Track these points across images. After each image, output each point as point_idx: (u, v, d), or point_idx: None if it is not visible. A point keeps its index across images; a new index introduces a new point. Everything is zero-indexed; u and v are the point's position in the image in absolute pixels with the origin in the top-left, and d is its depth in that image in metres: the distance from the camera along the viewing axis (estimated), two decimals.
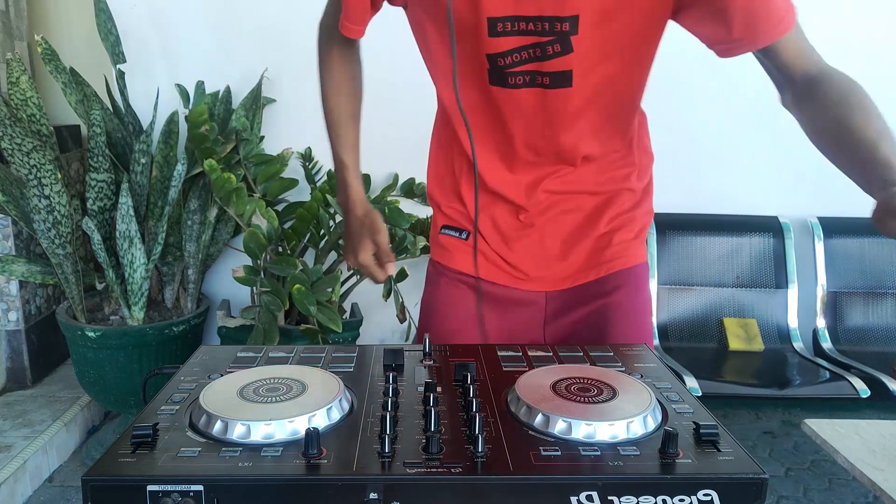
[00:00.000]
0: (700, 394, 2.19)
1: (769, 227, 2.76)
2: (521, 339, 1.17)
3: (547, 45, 0.99)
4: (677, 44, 1.25)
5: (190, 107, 2.55)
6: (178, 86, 2.59)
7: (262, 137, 2.60)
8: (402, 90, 2.30)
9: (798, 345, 2.66)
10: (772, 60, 1.06)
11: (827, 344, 2.67)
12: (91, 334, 2.26)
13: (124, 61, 2.47)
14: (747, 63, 1.22)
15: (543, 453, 0.68)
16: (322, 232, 2.46)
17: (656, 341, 2.65)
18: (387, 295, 2.53)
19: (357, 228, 1.14)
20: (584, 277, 1.18)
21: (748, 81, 2.75)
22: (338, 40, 1.18)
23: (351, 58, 1.22)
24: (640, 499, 0.64)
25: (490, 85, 1.05)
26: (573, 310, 1.18)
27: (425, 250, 2.37)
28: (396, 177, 2.67)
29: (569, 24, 0.97)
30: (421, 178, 2.63)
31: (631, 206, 1.24)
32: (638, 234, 1.23)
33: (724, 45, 1.06)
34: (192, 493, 0.63)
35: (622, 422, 0.72)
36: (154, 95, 2.51)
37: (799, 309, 2.70)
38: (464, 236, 1.19)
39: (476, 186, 1.13)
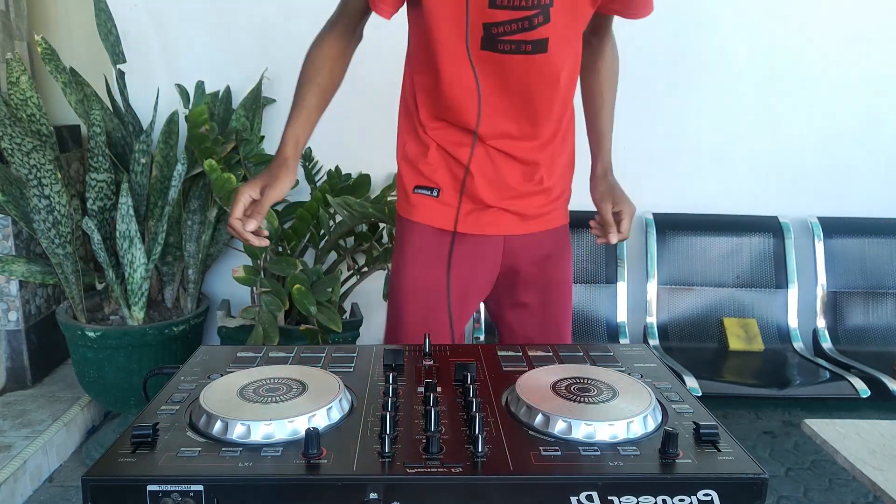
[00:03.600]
0: (700, 394, 2.19)
1: (769, 227, 2.76)
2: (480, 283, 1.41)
3: (533, 17, 1.20)
4: (677, 44, 1.27)
5: (190, 107, 2.55)
6: (178, 86, 2.59)
7: (263, 137, 2.60)
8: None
9: (798, 345, 2.66)
10: (601, 24, 1.42)
11: (827, 344, 2.67)
12: (91, 334, 2.26)
13: (124, 61, 2.47)
14: (747, 63, 1.24)
15: (543, 453, 0.68)
16: (322, 232, 2.46)
17: (655, 341, 2.65)
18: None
19: (263, 173, 1.28)
20: (532, 227, 1.41)
21: (748, 81, 2.75)
22: (337, 32, 1.33)
23: (339, 52, 1.34)
24: (640, 499, 0.64)
25: (480, 50, 1.23)
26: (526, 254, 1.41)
27: None
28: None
29: None
30: None
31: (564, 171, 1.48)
32: (564, 199, 1.51)
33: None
34: (192, 493, 0.63)
35: (622, 422, 0.72)
36: (154, 95, 2.51)
37: (799, 309, 2.70)
38: (434, 193, 1.35)
39: (475, 139, 1.32)
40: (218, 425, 0.71)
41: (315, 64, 1.33)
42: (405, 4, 1.29)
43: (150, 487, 0.63)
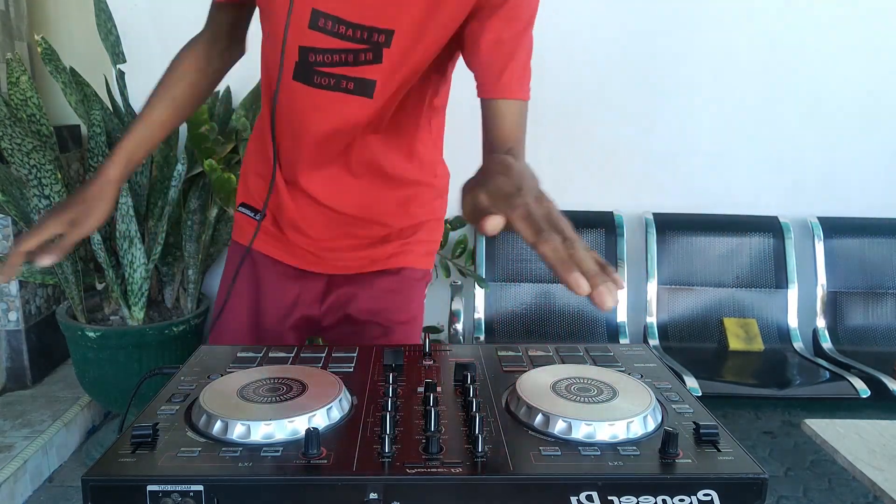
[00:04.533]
0: (700, 394, 2.19)
1: (769, 227, 2.76)
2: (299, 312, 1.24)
3: (360, 52, 1.01)
4: (677, 44, 1.25)
5: None
6: None
7: None
8: None
9: (798, 345, 2.66)
10: (488, 117, 1.02)
11: (827, 344, 2.67)
12: (91, 334, 2.26)
13: (124, 61, 2.47)
14: (747, 63, 1.23)
15: (543, 453, 0.68)
16: None
17: (655, 341, 2.65)
18: None
19: (73, 195, 1.07)
20: (364, 268, 1.21)
21: (748, 81, 2.75)
22: (205, 39, 1.21)
23: (205, 64, 1.21)
24: (640, 499, 0.64)
25: (292, 80, 1.05)
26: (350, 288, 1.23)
27: None
28: None
29: (384, 37, 1.00)
30: None
31: (418, 223, 1.24)
32: (423, 242, 1.25)
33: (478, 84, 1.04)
34: (192, 493, 0.63)
35: (622, 422, 0.72)
36: None
37: (799, 309, 2.70)
38: (257, 217, 1.19)
39: (273, 173, 1.14)
40: (218, 425, 0.71)
41: (174, 74, 1.18)
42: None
43: (150, 487, 0.63)
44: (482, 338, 2.62)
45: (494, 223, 0.71)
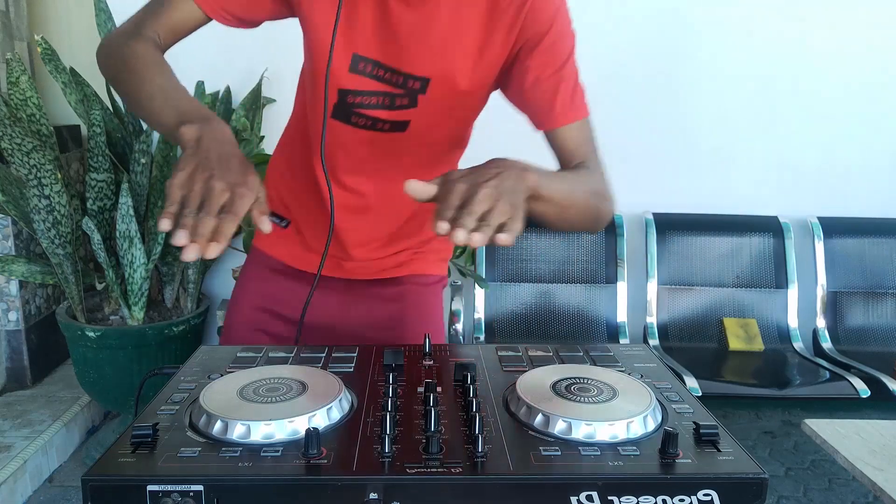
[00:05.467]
0: (700, 394, 2.19)
1: (769, 227, 2.76)
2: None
3: (397, 96, 1.05)
4: (678, 44, 1.25)
5: None
6: None
7: (263, 137, 2.60)
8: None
9: (798, 345, 2.66)
10: (551, 144, 1.07)
11: (827, 344, 2.67)
12: (91, 334, 2.26)
13: None
14: (747, 63, 1.23)
15: (543, 453, 0.68)
16: None
17: (655, 341, 2.65)
18: None
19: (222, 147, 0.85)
20: (381, 274, 1.24)
21: (748, 82, 2.75)
22: (144, 43, 1.01)
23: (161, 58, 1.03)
24: (640, 499, 0.64)
25: (331, 118, 1.08)
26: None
27: None
28: None
29: (420, 84, 1.03)
30: None
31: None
32: (436, 251, 1.29)
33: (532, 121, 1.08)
34: (192, 493, 0.63)
35: (622, 422, 0.72)
36: None
37: (799, 309, 2.70)
38: (283, 224, 1.10)
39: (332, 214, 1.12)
40: (218, 425, 0.71)
41: (149, 57, 0.99)
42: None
43: (150, 487, 0.63)
44: (482, 338, 2.62)
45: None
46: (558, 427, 0.72)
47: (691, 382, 2.24)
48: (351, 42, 1.02)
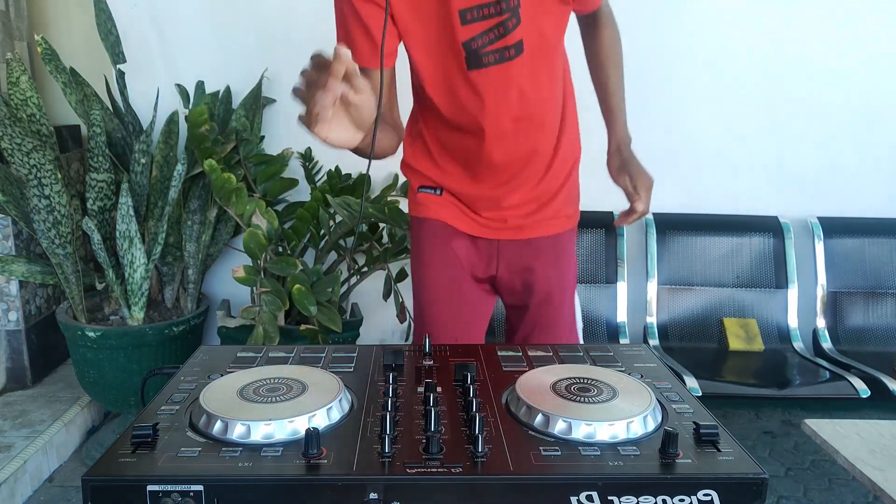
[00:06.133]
0: (700, 394, 2.19)
1: (769, 227, 2.76)
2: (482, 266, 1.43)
3: (506, 21, 1.19)
4: (678, 44, 1.26)
5: (190, 107, 2.55)
6: (178, 86, 2.59)
7: (263, 137, 2.60)
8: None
9: (798, 345, 2.66)
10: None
11: (827, 344, 2.67)
12: (91, 334, 2.26)
13: (124, 61, 2.47)
14: (747, 63, 1.23)
15: (543, 453, 0.68)
16: (322, 232, 2.46)
17: (655, 341, 2.65)
18: (386, 295, 2.53)
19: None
20: (530, 233, 1.42)
21: (748, 82, 2.75)
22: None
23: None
24: (640, 499, 0.64)
25: (468, 70, 1.22)
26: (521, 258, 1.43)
27: None
28: (396, 177, 2.67)
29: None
30: None
31: (565, 176, 1.46)
32: (573, 204, 1.51)
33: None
34: (192, 493, 0.63)
35: (622, 422, 0.72)
36: (154, 95, 2.50)
37: (799, 309, 2.70)
38: (437, 192, 1.40)
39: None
40: (218, 425, 0.71)
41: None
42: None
43: (150, 487, 0.63)
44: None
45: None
46: (558, 427, 0.72)
47: (691, 382, 2.24)
48: (449, 4, 1.17)
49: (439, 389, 0.83)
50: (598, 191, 1.75)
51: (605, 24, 1.49)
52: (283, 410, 0.73)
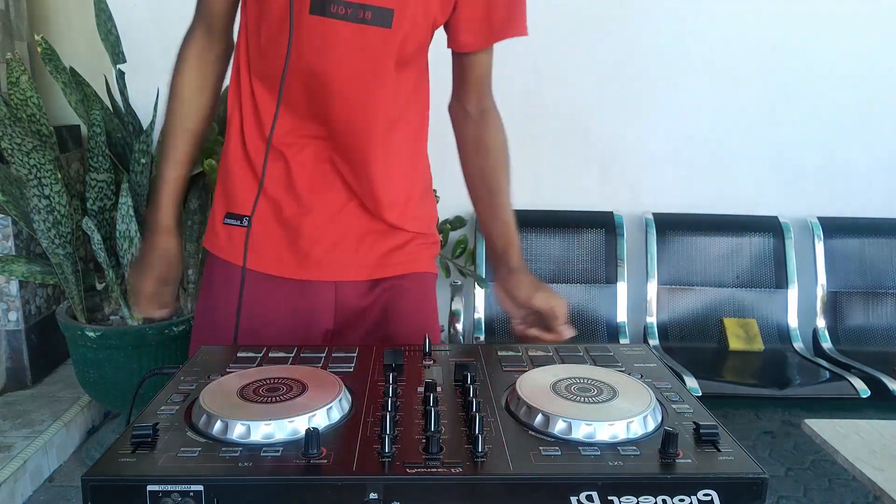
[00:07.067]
0: (700, 394, 2.19)
1: (769, 227, 2.76)
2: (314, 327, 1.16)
3: None
4: (677, 43, 1.25)
5: None
6: None
7: None
8: None
9: (798, 345, 2.66)
10: (464, 68, 1.14)
11: (827, 344, 2.67)
12: (91, 334, 2.26)
13: (124, 61, 2.46)
14: (747, 63, 1.23)
15: (543, 453, 0.68)
16: None
17: (655, 341, 2.65)
18: None
19: (150, 256, 1.14)
20: (373, 275, 1.15)
21: (748, 82, 2.75)
22: (197, 38, 1.15)
23: (203, 79, 1.14)
24: (640, 499, 0.64)
25: (309, 14, 1.00)
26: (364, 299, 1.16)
27: None
28: None
29: None
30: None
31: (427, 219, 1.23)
32: (429, 245, 1.22)
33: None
34: (192, 493, 0.63)
35: (622, 422, 0.71)
36: (154, 95, 2.50)
37: (799, 309, 2.70)
38: (245, 223, 1.11)
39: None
40: (218, 425, 0.71)
41: (180, 100, 1.13)
42: None
43: (150, 487, 0.63)
44: (482, 338, 2.62)
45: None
46: (558, 427, 0.72)
47: (691, 382, 2.24)
48: None
49: (439, 389, 0.83)
50: (598, 190, 1.76)
51: (496, 117, 1.19)
52: (283, 410, 0.73)
